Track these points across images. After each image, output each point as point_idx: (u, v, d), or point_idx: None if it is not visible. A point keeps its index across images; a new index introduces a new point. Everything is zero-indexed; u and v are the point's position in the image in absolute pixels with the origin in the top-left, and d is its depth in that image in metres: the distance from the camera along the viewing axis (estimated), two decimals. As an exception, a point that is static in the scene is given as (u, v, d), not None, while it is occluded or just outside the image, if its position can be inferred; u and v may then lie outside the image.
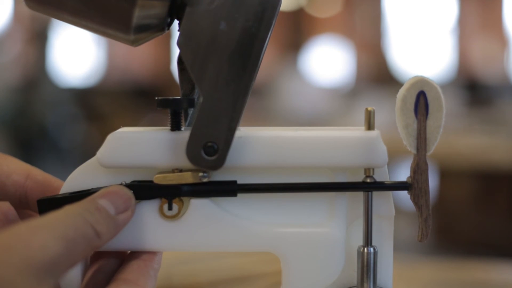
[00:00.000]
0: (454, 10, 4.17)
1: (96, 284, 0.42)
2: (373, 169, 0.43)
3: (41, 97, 3.61)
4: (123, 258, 0.44)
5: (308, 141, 0.43)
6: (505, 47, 3.98)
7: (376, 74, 4.08)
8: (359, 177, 0.44)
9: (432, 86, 0.42)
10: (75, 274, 0.42)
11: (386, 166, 0.44)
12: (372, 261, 0.43)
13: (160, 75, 4.31)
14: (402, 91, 0.42)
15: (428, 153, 0.43)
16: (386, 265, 0.45)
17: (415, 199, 0.43)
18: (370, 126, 0.43)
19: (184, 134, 0.42)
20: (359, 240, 0.44)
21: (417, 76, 0.42)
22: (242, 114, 0.42)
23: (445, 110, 0.43)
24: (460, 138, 2.32)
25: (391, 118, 0.47)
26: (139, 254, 0.43)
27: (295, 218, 0.45)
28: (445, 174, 2.50)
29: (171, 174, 0.43)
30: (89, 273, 0.43)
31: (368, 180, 0.43)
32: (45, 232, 0.35)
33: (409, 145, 0.43)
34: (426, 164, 0.43)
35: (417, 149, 0.43)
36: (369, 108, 0.44)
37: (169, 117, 0.43)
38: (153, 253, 0.43)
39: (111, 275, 0.42)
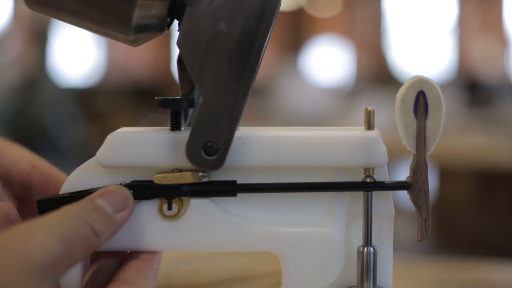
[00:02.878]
0: (454, 10, 4.17)
1: (95, 285, 0.42)
2: (373, 169, 0.43)
3: (41, 97, 3.61)
4: (123, 258, 0.44)
5: (308, 141, 0.43)
6: (505, 47, 3.98)
7: (376, 74, 4.08)
8: (359, 177, 0.44)
9: (431, 86, 0.42)
10: (74, 274, 0.42)
11: (386, 166, 0.44)
12: (372, 261, 0.43)
13: (160, 75, 4.31)
14: (401, 91, 0.42)
15: (428, 153, 0.43)
16: (386, 265, 0.45)
17: (414, 199, 0.43)
18: (370, 126, 0.43)
19: (184, 134, 0.42)
20: (359, 240, 0.44)
21: (416, 76, 0.42)
22: (242, 114, 0.42)
23: (444, 110, 0.43)
24: (460, 138, 2.32)
25: (391, 118, 0.47)
26: (139, 254, 0.43)
27: (295, 218, 0.45)
28: (445, 174, 2.50)
29: (171, 174, 0.42)
30: (89, 273, 0.43)
31: (368, 180, 0.43)
32: (44, 233, 0.35)
33: (409, 145, 0.43)
34: (426, 164, 0.43)
35: (417, 149, 0.43)
36: (369, 108, 0.44)
37: (169, 117, 0.43)
38: (152, 253, 0.43)
39: (111, 275, 0.42)
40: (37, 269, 0.33)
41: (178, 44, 0.41)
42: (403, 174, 0.47)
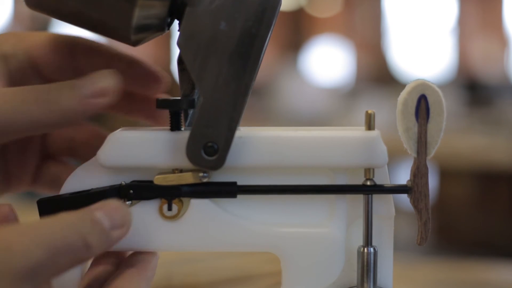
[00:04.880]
0: (454, 10, 4.17)
1: None
2: (373, 170, 0.43)
3: (41, 97, 3.60)
4: (119, 263, 0.43)
5: (308, 141, 0.43)
6: (505, 47, 3.98)
7: (376, 74, 4.08)
8: (359, 176, 0.44)
9: (433, 90, 0.42)
10: (72, 278, 0.41)
11: (386, 166, 0.44)
12: (372, 261, 0.43)
13: (160, 75, 4.30)
14: (403, 95, 0.42)
15: (429, 157, 0.43)
16: (386, 265, 0.45)
17: (414, 202, 0.43)
18: (370, 128, 0.43)
19: (184, 134, 0.42)
20: (359, 240, 0.44)
21: (418, 80, 0.42)
22: (242, 114, 0.41)
23: (446, 114, 0.42)
24: (460, 138, 2.32)
25: (391, 118, 0.47)
26: (134, 262, 0.42)
27: (295, 218, 0.45)
28: (445, 174, 2.51)
29: (171, 175, 0.42)
30: (85, 279, 0.42)
31: (368, 183, 0.43)
32: (29, 238, 0.33)
33: (410, 148, 0.43)
34: (427, 168, 0.43)
35: (418, 153, 0.43)
36: (369, 111, 0.43)
37: (169, 118, 0.43)
38: (147, 261, 0.42)
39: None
40: (15, 273, 0.32)
41: (178, 44, 0.41)
42: (403, 173, 0.47)
